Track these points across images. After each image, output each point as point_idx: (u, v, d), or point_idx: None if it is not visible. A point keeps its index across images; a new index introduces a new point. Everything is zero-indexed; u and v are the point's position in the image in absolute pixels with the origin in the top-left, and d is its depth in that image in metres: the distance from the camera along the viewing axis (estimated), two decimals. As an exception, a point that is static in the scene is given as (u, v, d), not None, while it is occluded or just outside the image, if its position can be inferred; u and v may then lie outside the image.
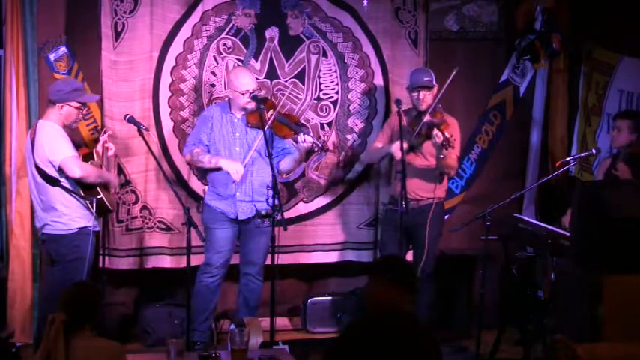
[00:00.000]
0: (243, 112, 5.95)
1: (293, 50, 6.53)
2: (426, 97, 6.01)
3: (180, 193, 6.05)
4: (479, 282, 6.05)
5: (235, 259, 6.17)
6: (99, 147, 5.88)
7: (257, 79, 6.44)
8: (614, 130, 6.00)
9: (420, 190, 6.05)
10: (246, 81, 5.90)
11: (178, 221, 6.31)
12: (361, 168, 6.70)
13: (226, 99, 6.15)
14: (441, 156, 5.86)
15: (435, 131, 5.77)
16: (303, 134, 5.87)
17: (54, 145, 5.53)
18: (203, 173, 6.18)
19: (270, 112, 5.91)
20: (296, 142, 5.92)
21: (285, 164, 6.09)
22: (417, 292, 3.87)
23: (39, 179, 5.57)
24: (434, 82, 6.04)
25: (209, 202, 6.02)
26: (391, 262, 4.04)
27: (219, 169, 5.91)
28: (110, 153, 5.90)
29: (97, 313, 3.98)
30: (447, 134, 5.73)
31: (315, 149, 6.01)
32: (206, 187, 6.17)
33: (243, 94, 5.87)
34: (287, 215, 6.31)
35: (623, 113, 6.09)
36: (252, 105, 5.87)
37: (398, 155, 5.89)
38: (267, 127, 5.80)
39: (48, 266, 5.97)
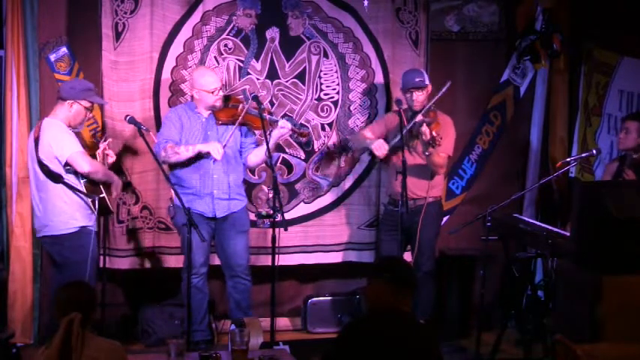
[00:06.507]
0: (210, 111, 5.96)
1: (294, 51, 6.52)
2: (419, 97, 6.08)
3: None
4: (479, 282, 6.06)
5: (216, 261, 6.15)
6: (99, 152, 5.88)
7: (257, 79, 6.47)
8: (621, 131, 5.89)
9: (414, 187, 6.05)
10: (212, 79, 5.93)
11: (178, 221, 6.30)
12: (362, 168, 6.69)
13: (189, 100, 6.12)
14: (427, 153, 5.91)
15: (424, 128, 5.83)
16: (281, 119, 5.95)
17: (61, 141, 5.54)
18: (173, 176, 5.95)
19: (240, 106, 5.93)
20: (271, 130, 5.88)
21: (255, 157, 6.03)
22: (416, 290, 3.88)
23: (41, 176, 5.57)
24: (426, 82, 6.10)
25: (184, 203, 5.62)
26: (390, 262, 4.05)
27: (188, 166, 5.86)
28: (110, 160, 5.89)
29: (95, 312, 3.98)
30: (434, 133, 5.79)
31: (295, 135, 6.05)
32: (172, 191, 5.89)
33: (212, 92, 5.88)
34: (288, 216, 6.31)
35: (633, 115, 5.98)
36: (220, 102, 5.92)
37: (378, 153, 6.01)
38: (238, 121, 5.82)
39: (52, 269, 5.96)
